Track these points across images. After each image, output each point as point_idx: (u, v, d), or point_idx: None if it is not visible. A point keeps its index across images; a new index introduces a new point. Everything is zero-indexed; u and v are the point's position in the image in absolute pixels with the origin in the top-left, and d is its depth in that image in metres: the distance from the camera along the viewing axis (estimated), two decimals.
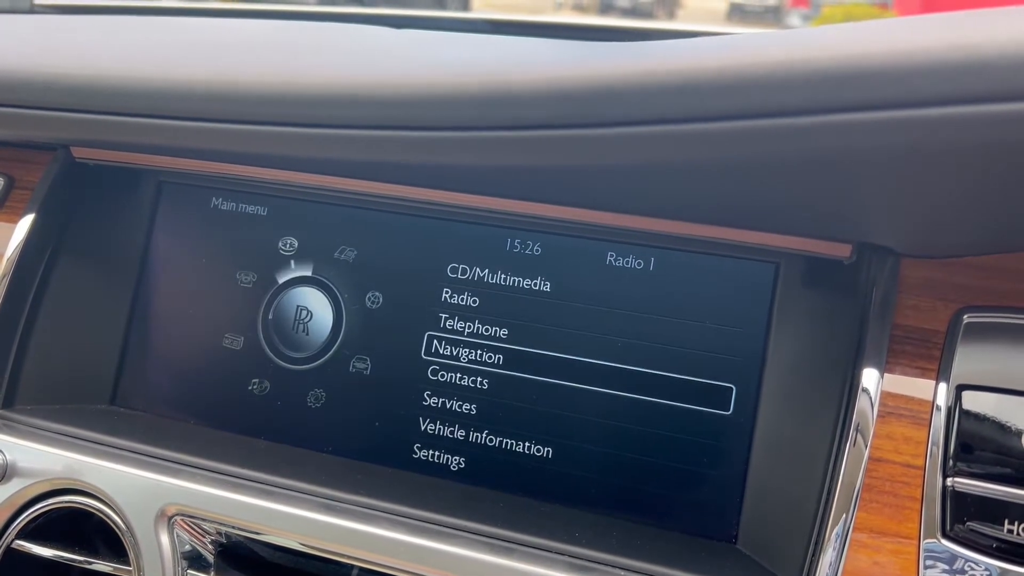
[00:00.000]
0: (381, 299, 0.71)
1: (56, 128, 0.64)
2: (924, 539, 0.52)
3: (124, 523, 0.62)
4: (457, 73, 0.51)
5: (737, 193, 0.54)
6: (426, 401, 0.68)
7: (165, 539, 0.61)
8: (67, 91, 0.62)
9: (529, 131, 0.49)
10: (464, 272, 0.69)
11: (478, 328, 0.68)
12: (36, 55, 0.67)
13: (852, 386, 0.55)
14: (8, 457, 0.64)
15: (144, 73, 0.60)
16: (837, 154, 0.44)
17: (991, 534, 0.51)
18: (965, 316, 0.55)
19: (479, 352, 0.68)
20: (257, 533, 0.60)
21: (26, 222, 0.70)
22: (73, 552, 0.63)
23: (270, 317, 0.73)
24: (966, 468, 0.52)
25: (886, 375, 0.55)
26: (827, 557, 0.53)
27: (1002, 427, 0.52)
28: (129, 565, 0.62)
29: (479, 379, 0.68)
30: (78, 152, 0.73)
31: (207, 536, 0.61)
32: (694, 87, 0.44)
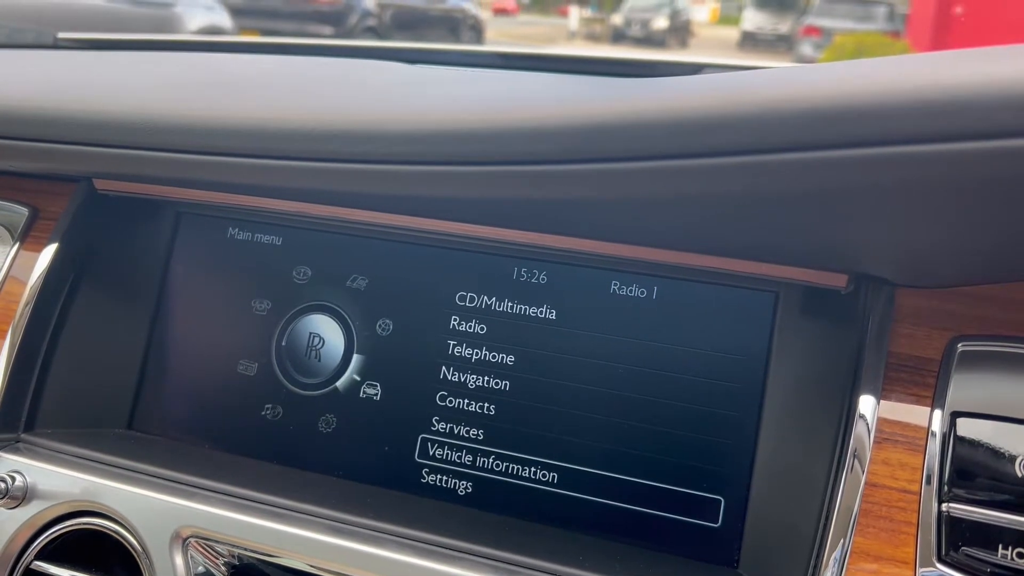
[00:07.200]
0: (391, 326, 0.72)
1: (79, 161, 0.66)
2: (920, 564, 0.53)
3: (140, 544, 0.63)
4: (470, 110, 0.53)
5: (738, 226, 0.56)
6: (434, 427, 0.70)
7: (179, 560, 0.62)
8: (91, 126, 0.64)
9: (536, 166, 0.50)
10: (472, 300, 0.71)
11: (486, 355, 0.70)
12: (61, 91, 0.70)
13: (849, 412, 0.56)
14: (29, 480, 0.66)
15: (165, 109, 0.62)
16: (833, 189, 0.45)
17: (986, 559, 0.52)
18: (959, 345, 0.56)
19: (487, 379, 0.70)
20: (269, 555, 0.62)
21: (49, 251, 0.73)
22: (90, 573, 0.64)
23: (283, 344, 0.75)
24: (961, 494, 0.53)
25: (882, 402, 0.56)
26: None
27: (996, 453, 0.53)
28: None
29: (486, 405, 0.69)
30: (100, 184, 0.75)
31: (220, 558, 0.63)
32: (697, 124, 0.45)
